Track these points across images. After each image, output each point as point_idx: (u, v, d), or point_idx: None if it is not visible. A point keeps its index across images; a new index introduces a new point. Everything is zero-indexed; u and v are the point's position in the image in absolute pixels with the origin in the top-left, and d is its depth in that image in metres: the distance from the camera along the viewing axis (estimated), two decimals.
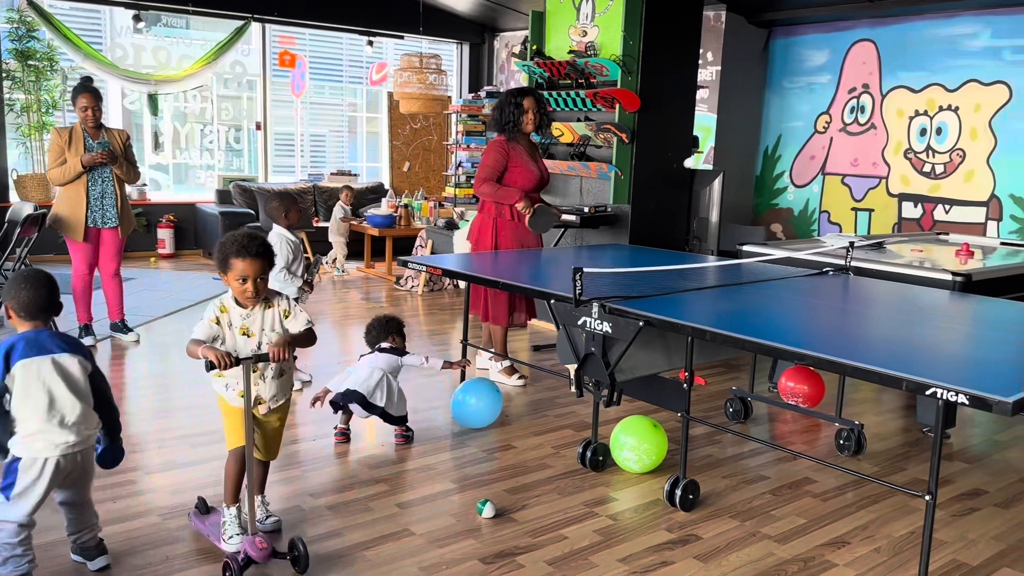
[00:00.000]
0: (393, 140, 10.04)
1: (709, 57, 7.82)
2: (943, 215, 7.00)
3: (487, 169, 4.48)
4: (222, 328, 2.53)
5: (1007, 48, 6.54)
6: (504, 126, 4.50)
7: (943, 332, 2.86)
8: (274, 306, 2.58)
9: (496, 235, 4.54)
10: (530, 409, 4.24)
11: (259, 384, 2.59)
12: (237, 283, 2.48)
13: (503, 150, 4.48)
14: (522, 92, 4.56)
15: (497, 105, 4.57)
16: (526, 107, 4.48)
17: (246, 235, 2.51)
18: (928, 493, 2.36)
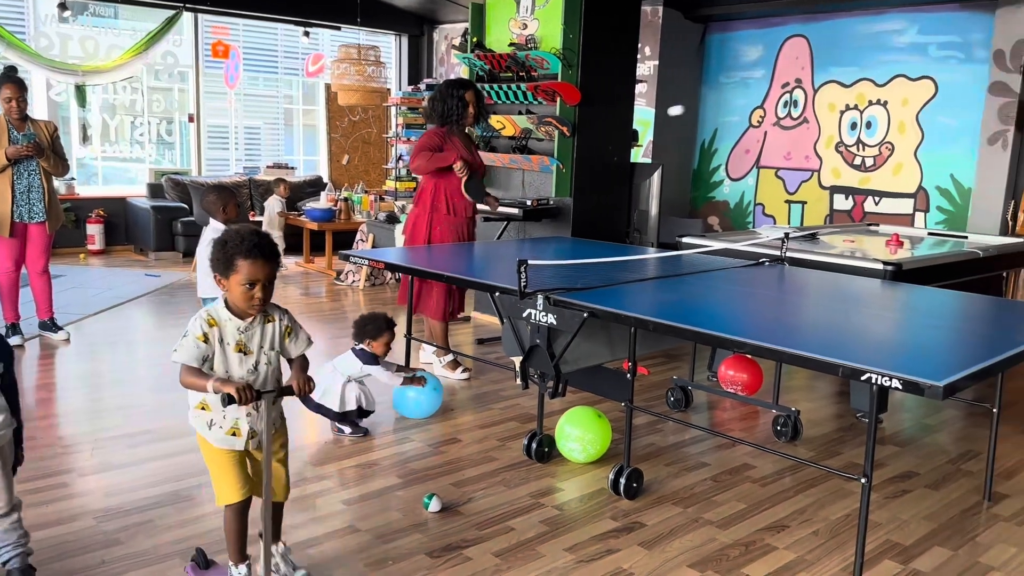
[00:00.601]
0: (331, 133, 9.91)
1: (647, 52, 7.91)
2: (873, 207, 7.23)
3: (421, 148, 4.42)
4: (211, 345, 2.16)
5: (932, 44, 6.78)
6: (446, 119, 4.47)
7: (876, 320, 2.95)
8: (274, 320, 2.26)
9: (431, 229, 4.51)
10: (475, 402, 4.23)
11: (252, 415, 2.26)
12: (242, 288, 2.13)
13: (440, 137, 4.46)
14: (463, 85, 4.53)
15: (436, 97, 4.52)
16: (468, 100, 4.47)
17: (254, 232, 2.19)
18: (863, 476, 2.44)
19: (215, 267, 2.17)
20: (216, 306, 2.21)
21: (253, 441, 2.29)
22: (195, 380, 2.13)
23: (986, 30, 6.41)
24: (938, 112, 6.78)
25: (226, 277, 2.16)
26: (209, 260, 2.19)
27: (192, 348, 2.13)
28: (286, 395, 2.21)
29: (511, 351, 3.24)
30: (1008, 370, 3.01)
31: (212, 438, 2.27)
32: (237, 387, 2.04)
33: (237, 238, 2.15)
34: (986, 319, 3.03)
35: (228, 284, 2.16)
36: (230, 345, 2.18)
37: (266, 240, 2.17)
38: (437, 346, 4.62)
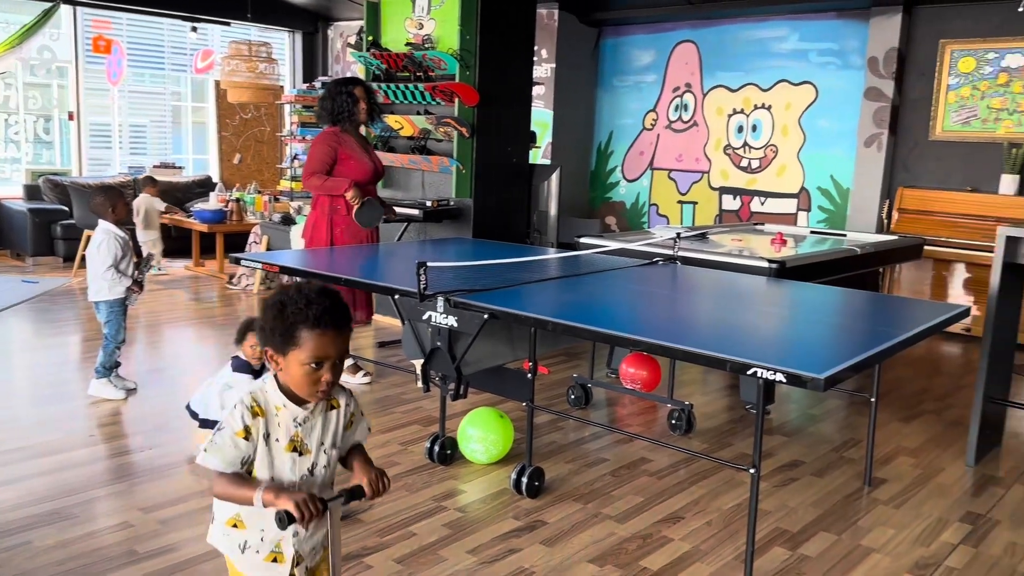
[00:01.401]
0: (222, 131, 9.59)
1: (544, 54, 8.00)
2: (759, 206, 7.53)
3: (315, 162, 4.35)
4: (254, 441, 1.62)
5: (812, 51, 7.12)
6: (337, 117, 4.39)
7: (762, 316, 3.07)
8: (339, 406, 1.72)
9: (332, 231, 4.43)
10: (376, 406, 4.18)
11: (299, 533, 1.69)
12: (306, 368, 1.59)
13: (332, 141, 4.37)
14: (352, 81, 4.46)
15: (326, 96, 4.44)
16: (358, 96, 4.40)
17: (322, 292, 1.62)
18: (752, 467, 2.53)
19: (266, 338, 1.63)
20: (263, 386, 1.66)
21: (300, 568, 1.72)
22: (235, 491, 1.59)
23: (861, 38, 6.78)
24: (818, 116, 7.12)
25: (282, 353, 1.61)
26: (261, 329, 1.65)
27: (229, 449, 1.59)
28: (356, 499, 1.66)
29: (412, 354, 3.22)
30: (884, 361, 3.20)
31: (245, 565, 1.71)
32: (297, 500, 1.51)
33: (301, 301, 1.59)
34: (864, 313, 3.20)
35: (285, 362, 1.61)
36: (280, 442, 1.64)
37: (336, 301, 1.63)
38: None
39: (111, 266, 3.97)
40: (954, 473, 3.61)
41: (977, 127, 6.34)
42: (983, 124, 6.31)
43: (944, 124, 6.48)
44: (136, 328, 5.43)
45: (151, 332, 5.51)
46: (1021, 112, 6.13)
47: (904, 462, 3.72)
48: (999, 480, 3.56)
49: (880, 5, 6.56)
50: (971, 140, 6.37)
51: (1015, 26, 6.07)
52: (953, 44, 6.37)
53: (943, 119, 6.48)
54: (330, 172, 4.37)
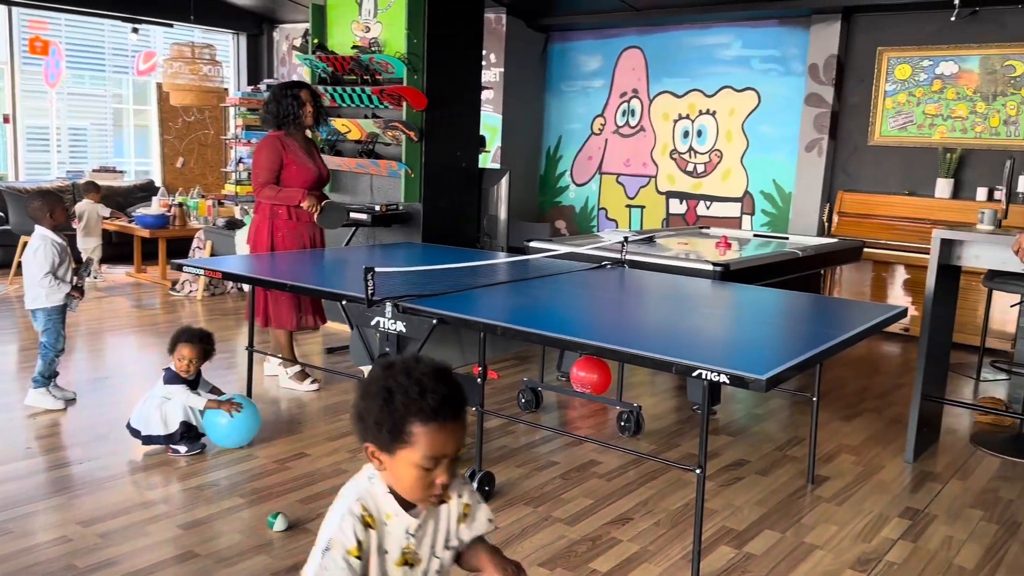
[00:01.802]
0: (165, 134, 9.39)
1: (492, 59, 8.01)
2: (705, 211, 7.65)
3: (264, 172, 4.30)
4: (366, 557, 1.38)
5: (755, 58, 7.26)
6: (282, 120, 4.35)
7: (707, 318, 3.12)
8: (449, 499, 1.48)
9: (273, 236, 4.38)
10: (325, 414, 4.13)
11: None
12: (419, 471, 1.35)
13: (277, 147, 4.32)
14: (297, 85, 4.43)
15: (271, 99, 4.39)
16: (304, 99, 4.35)
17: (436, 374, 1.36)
18: (698, 467, 2.57)
19: (368, 432, 1.37)
20: (372, 490, 1.41)
21: None
22: None
23: (802, 45, 6.94)
24: (761, 121, 7.27)
25: (388, 451, 1.35)
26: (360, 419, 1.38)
27: (342, 571, 1.34)
28: None
29: (360, 360, 3.19)
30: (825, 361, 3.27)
31: None
32: None
33: (413, 388, 1.32)
34: (805, 315, 3.27)
35: (392, 462, 1.36)
36: (392, 555, 1.41)
37: (454, 386, 1.36)
38: (282, 358, 4.47)
39: (48, 273, 3.86)
40: (893, 470, 3.71)
41: (913, 132, 6.53)
42: (919, 129, 6.51)
43: (882, 129, 6.67)
44: (76, 336, 5.28)
45: (91, 340, 5.36)
46: (954, 118, 6.34)
47: (845, 460, 3.81)
48: (936, 476, 3.67)
49: (820, 13, 6.72)
50: (908, 145, 6.57)
51: (948, 35, 6.28)
52: (890, 52, 6.55)
53: (881, 124, 6.67)
54: (277, 179, 4.32)
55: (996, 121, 6.16)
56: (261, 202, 4.39)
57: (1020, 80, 6.03)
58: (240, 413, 3.50)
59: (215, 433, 3.55)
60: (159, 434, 3.48)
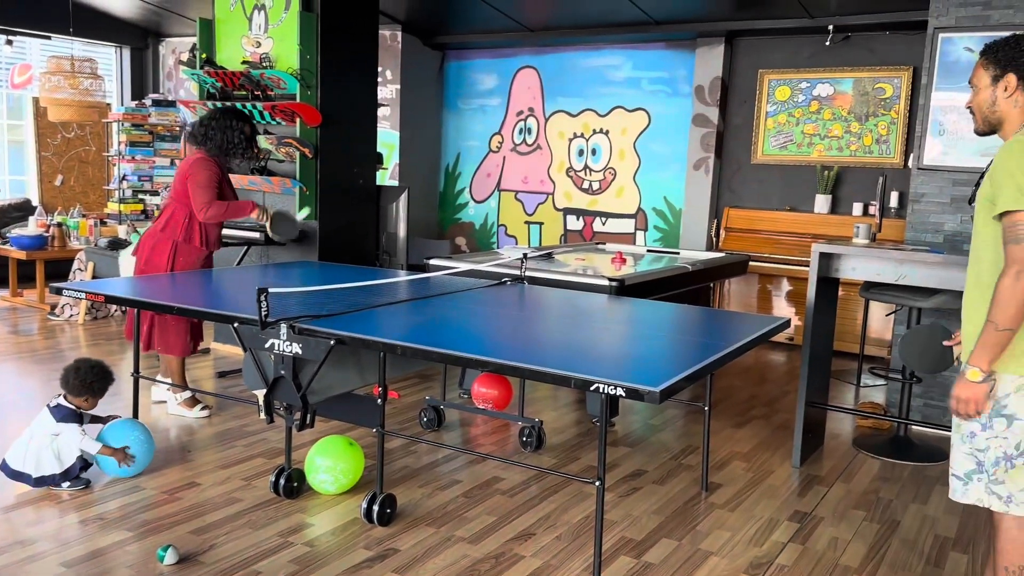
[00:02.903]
0: (42, 151, 8.90)
1: (388, 75, 7.98)
2: (601, 227, 7.82)
3: (207, 191, 4.14)
4: None
5: (645, 79, 7.49)
6: (227, 151, 4.24)
7: (604, 332, 3.18)
8: None
9: (173, 260, 4.22)
10: (216, 441, 3.99)
11: None
12: None
13: (214, 167, 4.22)
14: (242, 118, 4.33)
15: (214, 126, 4.22)
16: (248, 134, 4.31)
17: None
18: (597, 479, 2.61)
19: None
20: None
21: None
22: None
23: (689, 68, 7.21)
24: (652, 140, 7.50)
25: None
26: None
27: None
28: None
29: (253, 384, 3.10)
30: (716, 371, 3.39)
31: None
32: None
33: None
34: (696, 327, 3.38)
35: None
36: None
37: None
38: (171, 384, 4.30)
39: None
40: (782, 475, 3.87)
41: (793, 151, 6.88)
42: (798, 148, 6.85)
43: (764, 148, 6.99)
44: None
45: None
46: (831, 137, 6.71)
47: (737, 466, 3.95)
48: (822, 479, 3.85)
49: (704, 37, 7.00)
50: (788, 163, 6.90)
51: (823, 58, 6.65)
52: (770, 74, 6.89)
53: (763, 144, 6.99)
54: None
55: (869, 140, 6.56)
56: (172, 217, 4.21)
57: (890, 101, 6.44)
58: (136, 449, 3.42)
59: (107, 465, 3.41)
60: (54, 472, 3.28)
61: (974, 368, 2.17)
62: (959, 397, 2.21)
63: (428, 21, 7.92)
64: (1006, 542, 2.28)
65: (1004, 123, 2.28)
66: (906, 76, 6.33)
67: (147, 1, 8.18)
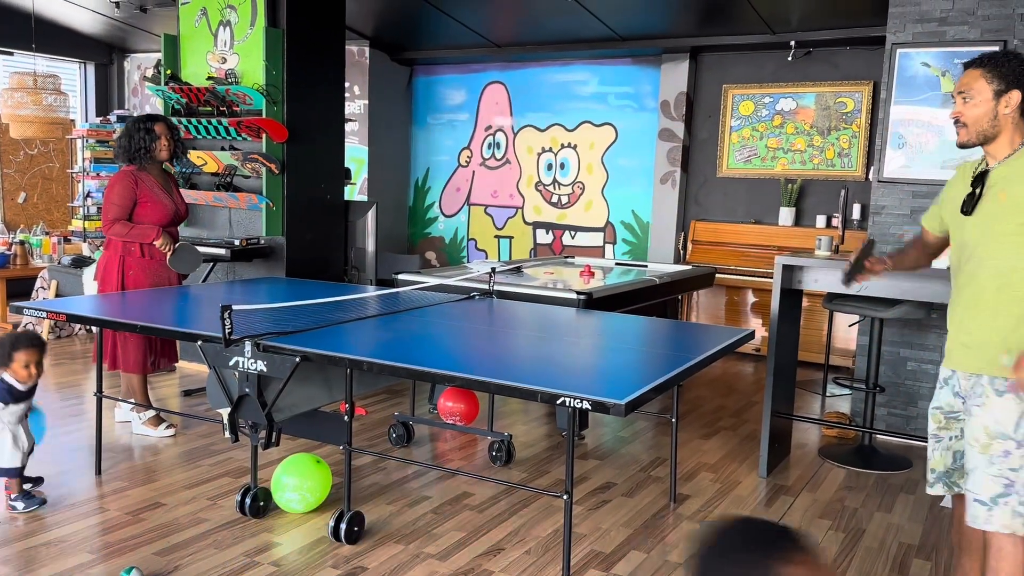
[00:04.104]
0: (4, 168, 8.76)
1: (356, 91, 7.97)
2: (570, 240, 7.86)
3: (115, 208, 4.12)
4: None
5: (611, 94, 7.56)
6: (134, 154, 4.18)
7: (571, 346, 3.19)
8: None
9: (123, 275, 4.17)
10: (181, 460, 3.93)
11: None
12: None
13: (130, 182, 4.15)
14: (152, 118, 4.28)
15: (124, 133, 4.22)
16: (158, 132, 4.21)
17: None
18: (565, 493, 2.61)
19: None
20: None
21: None
22: None
23: (654, 83, 7.29)
24: (619, 155, 7.56)
25: None
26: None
27: None
28: None
29: (217, 403, 3.07)
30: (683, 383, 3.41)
31: None
32: None
33: None
34: (663, 339, 3.41)
35: None
36: None
37: None
38: (135, 403, 4.24)
39: None
40: (749, 485, 3.90)
41: (757, 164, 6.97)
42: (762, 162, 6.95)
43: (729, 162, 7.08)
44: None
45: None
46: (794, 151, 6.81)
47: (705, 477, 3.97)
48: (788, 489, 3.88)
49: (669, 52, 7.09)
50: (753, 176, 7.00)
51: (786, 73, 6.76)
52: (734, 89, 6.99)
53: (728, 157, 7.08)
54: (130, 215, 4.15)
55: (831, 153, 6.67)
56: (108, 236, 4.18)
57: (851, 115, 6.56)
58: None
59: None
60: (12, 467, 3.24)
61: None
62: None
63: (396, 37, 7.94)
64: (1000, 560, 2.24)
65: (999, 137, 2.29)
66: (867, 90, 6.45)
67: (112, 17, 8.11)
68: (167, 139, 4.24)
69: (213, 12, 5.36)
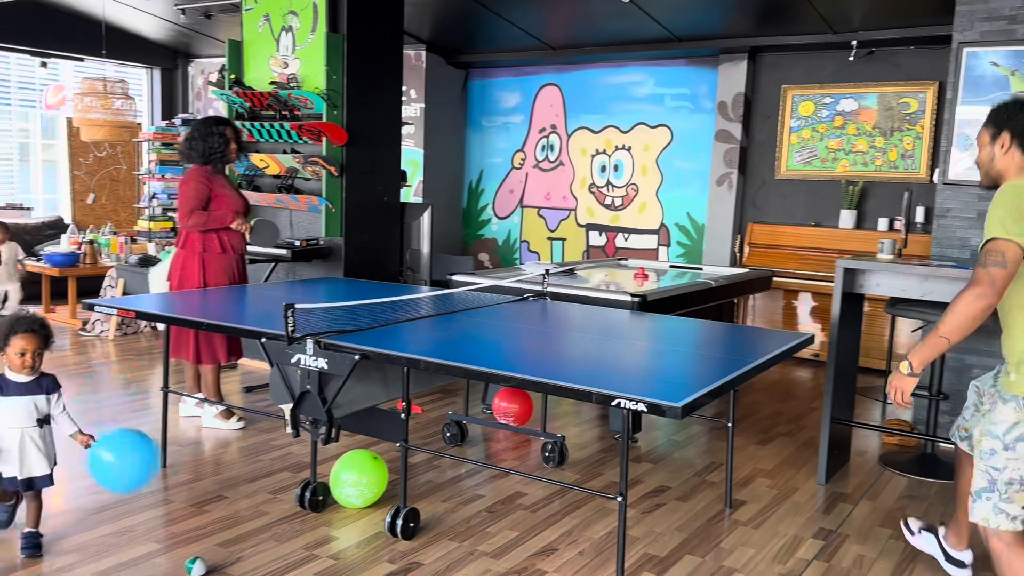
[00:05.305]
0: (75, 170, 9.10)
1: (413, 94, 8.07)
2: (623, 242, 7.83)
3: (191, 200, 4.26)
4: None
5: (667, 95, 7.52)
6: (210, 157, 4.33)
7: (625, 348, 3.19)
8: None
9: (204, 271, 4.31)
10: (243, 454, 4.04)
11: None
12: None
13: (204, 180, 4.31)
14: (221, 121, 4.44)
15: (195, 136, 4.36)
16: (229, 136, 4.39)
17: None
18: (619, 495, 2.62)
19: None
20: None
21: None
22: None
23: (711, 84, 7.22)
24: (674, 156, 7.51)
25: None
26: None
27: None
28: None
29: (280, 399, 3.14)
30: (739, 387, 3.38)
31: None
32: None
33: None
34: (719, 343, 3.38)
35: None
36: None
37: None
38: (201, 398, 4.36)
39: None
40: (807, 492, 3.85)
41: (817, 166, 6.85)
42: (823, 163, 6.83)
43: (788, 164, 6.97)
44: None
45: None
46: (855, 152, 6.68)
47: (761, 483, 3.93)
48: (847, 496, 3.81)
49: (727, 53, 7.02)
50: (812, 178, 6.88)
51: (847, 74, 6.64)
52: (794, 89, 6.88)
53: (787, 159, 6.97)
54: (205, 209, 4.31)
55: (894, 155, 6.52)
56: (189, 232, 4.31)
57: (915, 116, 6.41)
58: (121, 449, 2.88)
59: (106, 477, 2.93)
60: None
61: (906, 362, 2.49)
62: (891, 383, 2.54)
63: (452, 40, 8.02)
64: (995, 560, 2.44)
65: (1003, 177, 2.52)
66: (931, 91, 6.30)
67: (177, 23, 8.35)
68: (235, 143, 4.41)
69: (276, 18, 5.49)
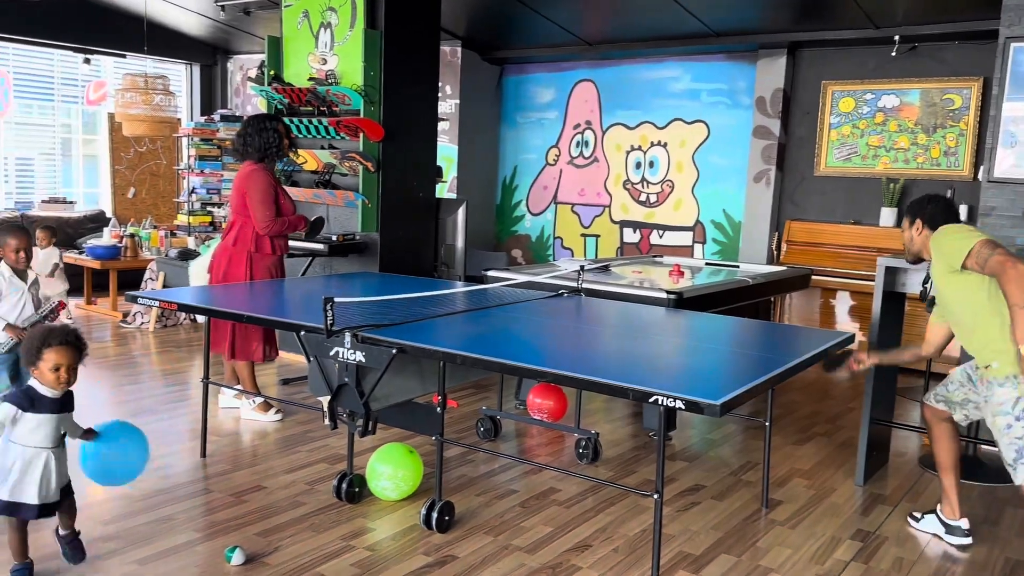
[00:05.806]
0: (116, 164, 9.26)
1: (448, 90, 8.09)
2: (658, 239, 7.78)
3: (268, 207, 4.30)
4: None
5: (704, 91, 7.45)
6: (266, 152, 4.39)
7: (661, 345, 3.18)
8: None
9: (251, 270, 4.36)
10: (281, 446, 4.09)
11: None
12: None
13: (271, 179, 4.39)
14: (272, 118, 4.52)
15: (250, 132, 4.38)
16: (282, 132, 4.46)
17: None
18: (655, 493, 2.61)
19: None
20: None
21: None
22: None
23: (749, 79, 7.15)
24: (711, 153, 7.45)
25: None
26: None
27: None
28: None
29: (318, 390, 3.18)
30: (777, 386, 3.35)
31: None
32: None
33: None
34: (757, 341, 3.35)
35: None
36: None
37: None
38: (240, 390, 4.42)
39: None
40: (845, 493, 3.80)
41: (857, 163, 6.75)
42: (863, 160, 6.73)
43: (827, 160, 6.88)
44: None
45: None
46: (897, 149, 6.57)
47: (798, 483, 3.89)
48: (886, 498, 3.76)
49: (766, 48, 6.94)
50: (852, 175, 6.78)
51: (888, 69, 6.53)
52: (834, 85, 6.78)
53: (826, 156, 6.88)
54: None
55: (937, 152, 6.41)
56: (241, 230, 4.35)
57: (959, 113, 6.29)
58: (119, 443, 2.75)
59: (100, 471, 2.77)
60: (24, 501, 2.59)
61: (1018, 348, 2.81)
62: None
63: (488, 36, 8.03)
64: None
65: (922, 252, 3.26)
66: (976, 86, 6.17)
67: (216, 20, 8.47)
68: (287, 138, 4.49)
69: (314, 14, 5.54)
